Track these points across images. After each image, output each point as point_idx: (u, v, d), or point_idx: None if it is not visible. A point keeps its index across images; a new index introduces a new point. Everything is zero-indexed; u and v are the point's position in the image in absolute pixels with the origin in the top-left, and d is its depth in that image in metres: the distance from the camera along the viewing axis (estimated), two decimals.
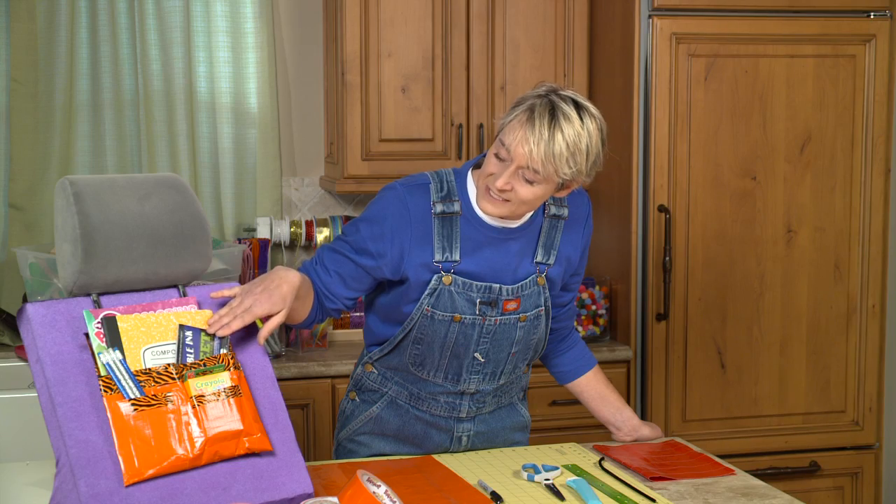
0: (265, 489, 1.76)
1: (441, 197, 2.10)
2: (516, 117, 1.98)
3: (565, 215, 2.18)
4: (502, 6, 3.40)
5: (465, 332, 2.13)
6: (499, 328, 2.15)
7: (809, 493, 3.35)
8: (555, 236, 2.18)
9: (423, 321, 2.13)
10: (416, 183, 2.13)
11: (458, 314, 2.11)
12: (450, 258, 2.09)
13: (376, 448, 2.26)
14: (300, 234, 3.61)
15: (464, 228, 2.11)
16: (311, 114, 3.71)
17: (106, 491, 1.63)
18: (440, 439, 2.25)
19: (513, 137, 1.96)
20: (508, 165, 1.98)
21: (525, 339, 2.20)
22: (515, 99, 2.04)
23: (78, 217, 1.73)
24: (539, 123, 1.94)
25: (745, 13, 3.25)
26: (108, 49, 3.48)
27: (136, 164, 3.55)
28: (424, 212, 2.10)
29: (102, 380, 1.68)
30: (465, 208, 2.11)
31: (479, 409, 2.25)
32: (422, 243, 2.09)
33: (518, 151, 1.95)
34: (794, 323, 3.34)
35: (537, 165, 1.95)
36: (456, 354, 2.16)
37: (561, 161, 1.95)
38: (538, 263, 2.17)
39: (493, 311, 2.13)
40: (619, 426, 2.34)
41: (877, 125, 3.34)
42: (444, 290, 2.10)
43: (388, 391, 2.24)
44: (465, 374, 2.18)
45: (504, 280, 2.13)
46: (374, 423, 2.26)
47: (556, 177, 1.97)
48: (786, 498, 1.96)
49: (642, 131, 3.24)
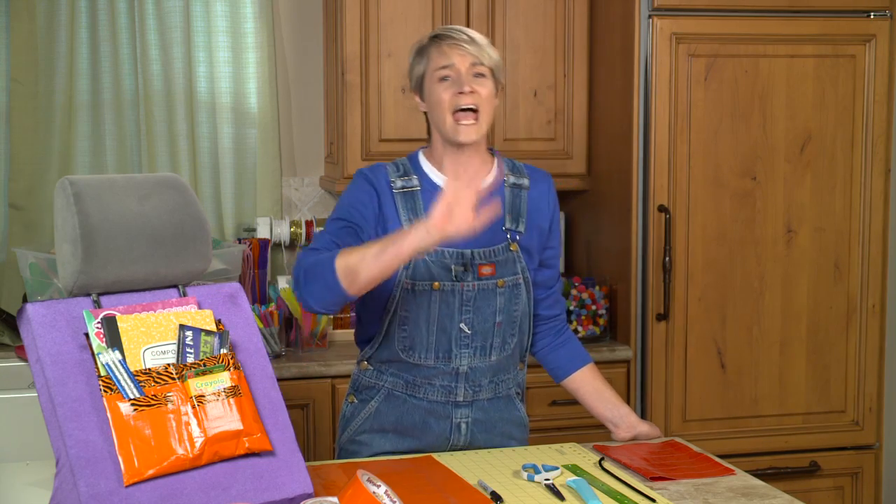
0: (265, 489, 1.76)
1: (399, 175, 2.24)
2: (432, 50, 2.20)
3: (526, 185, 2.31)
4: (502, 6, 3.40)
5: (446, 300, 2.20)
6: (479, 294, 2.22)
7: (809, 493, 3.35)
8: (520, 205, 2.28)
9: (404, 296, 2.20)
10: (376, 166, 2.28)
11: (436, 281, 2.19)
12: None
13: (377, 447, 2.27)
14: (300, 234, 3.61)
15: (425, 201, 2.22)
16: (311, 114, 3.71)
17: (106, 491, 1.63)
18: (439, 429, 2.27)
19: (447, 56, 2.18)
20: (458, 77, 2.17)
21: (507, 308, 2.25)
22: (412, 52, 2.28)
23: (78, 217, 1.73)
24: (455, 34, 2.20)
25: (745, 13, 3.25)
26: (108, 49, 3.48)
27: (136, 164, 3.55)
28: (387, 188, 2.23)
29: (102, 380, 1.68)
30: (424, 182, 2.24)
31: (476, 394, 2.27)
32: (390, 216, 2.21)
33: (459, 56, 2.18)
34: (794, 323, 3.34)
35: (480, 57, 2.18)
36: (442, 328, 2.21)
37: (489, 47, 2.21)
38: (508, 230, 2.26)
39: (469, 275, 2.21)
40: (617, 423, 2.34)
41: (877, 125, 3.34)
42: (419, 260, 2.18)
43: (384, 384, 2.28)
44: (454, 349, 2.23)
45: (474, 244, 2.20)
46: (373, 419, 2.28)
47: (491, 62, 2.20)
48: (786, 498, 1.96)
49: (642, 131, 3.24)
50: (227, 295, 1.92)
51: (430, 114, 2.24)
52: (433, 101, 2.20)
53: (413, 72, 2.26)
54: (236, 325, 1.89)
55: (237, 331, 1.88)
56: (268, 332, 3.18)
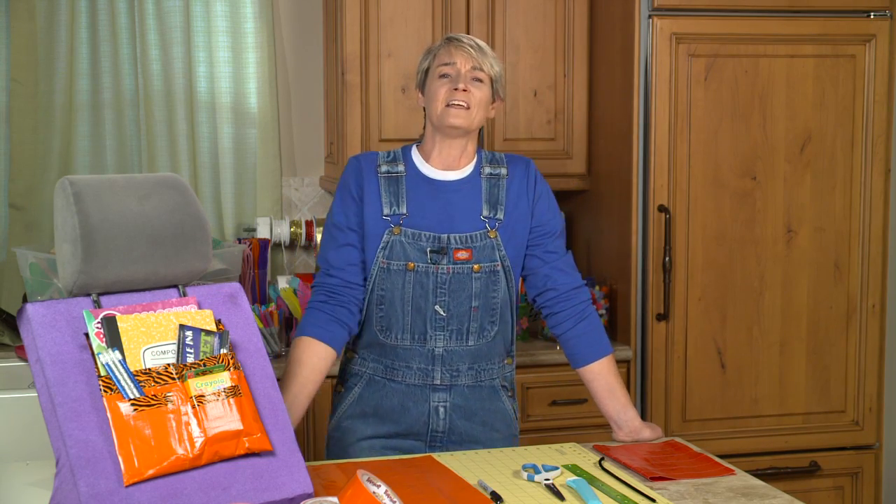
0: (265, 489, 1.76)
1: (387, 160, 2.36)
2: (440, 50, 2.33)
3: (504, 174, 2.38)
4: (502, 6, 3.40)
5: (420, 281, 2.28)
6: (454, 278, 2.29)
7: (809, 493, 3.35)
8: (498, 193, 2.35)
9: (381, 275, 2.29)
10: (369, 152, 2.41)
11: (411, 262, 2.28)
12: (397, 211, 2.31)
13: (360, 432, 2.34)
14: (300, 234, 3.61)
15: (409, 186, 2.33)
16: (311, 114, 3.71)
17: (106, 491, 1.63)
18: (417, 412, 2.32)
19: (451, 56, 2.30)
20: (457, 77, 2.28)
21: (484, 293, 2.31)
22: (423, 54, 2.39)
23: (78, 217, 1.73)
24: (465, 40, 2.33)
25: (745, 13, 3.25)
26: (108, 49, 3.48)
27: (136, 164, 3.55)
28: (372, 171, 2.35)
29: (102, 380, 1.68)
30: (410, 169, 2.35)
31: (454, 379, 2.32)
32: (373, 197, 2.32)
33: (462, 57, 2.30)
34: (794, 323, 3.34)
35: (481, 63, 2.30)
36: (417, 308, 2.29)
37: (491, 57, 2.33)
38: (486, 218, 2.33)
39: (444, 258, 2.29)
40: (621, 425, 2.34)
41: (877, 125, 3.34)
42: (395, 240, 2.29)
43: (366, 370, 2.36)
44: (430, 331, 2.29)
45: (452, 230, 2.31)
46: (356, 405, 2.36)
47: (492, 71, 2.32)
48: (786, 498, 1.97)
49: (642, 131, 3.24)
50: (227, 295, 1.92)
51: (427, 107, 2.34)
52: (430, 95, 2.32)
53: (419, 69, 2.39)
54: (236, 325, 1.89)
55: (237, 331, 1.88)
56: (268, 332, 3.18)
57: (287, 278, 3.38)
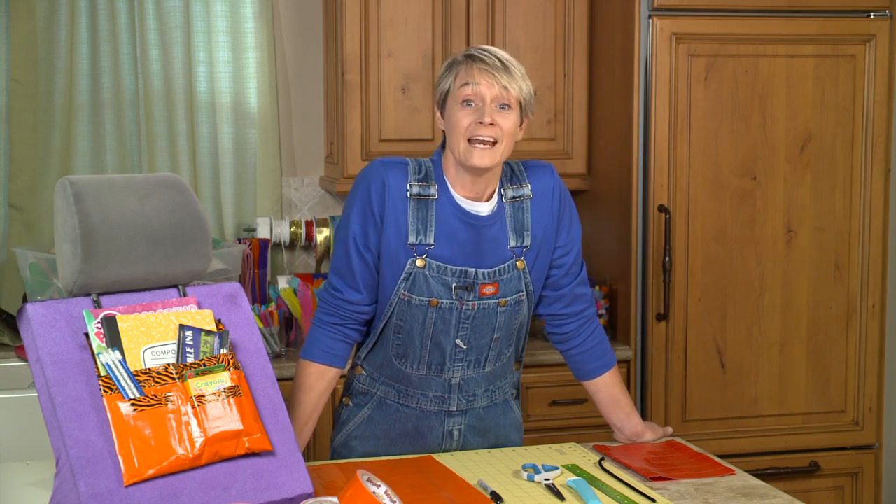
0: (265, 489, 1.76)
1: (418, 179, 2.14)
2: (461, 69, 2.10)
3: (527, 194, 2.20)
4: (502, 6, 3.40)
5: (443, 317, 2.15)
6: (478, 313, 2.16)
7: (809, 493, 3.35)
8: (523, 217, 2.19)
9: (401, 307, 2.15)
10: (394, 162, 2.17)
11: (434, 298, 2.13)
12: (424, 241, 2.12)
13: (369, 453, 2.26)
14: (300, 234, 3.61)
15: (439, 213, 2.13)
16: (311, 114, 3.71)
17: (106, 491, 1.63)
18: (431, 436, 2.26)
19: (475, 79, 2.07)
20: (483, 104, 2.07)
21: (507, 324, 2.21)
22: (443, 66, 2.16)
23: (78, 217, 1.73)
24: (489, 59, 2.09)
25: (745, 13, 3.25)
26: (108, 49, 3.48)
27: (136, 164, 3.55)
28: (401, 191, 2.13)
29: (102, 380, 1.68)
30: (442, 192, 2.15)
31: (470, 404, 2.26)
32: (399, 220, 2.12)
33: (486, 84, 2.07)
34: (794, 323, 3.34)
35: (509, 87, 2.07)
36: (437, 342, 2.17)
37: (520, 77, 2.10)
38: (513, 248, 2.18)
39: (470, 295, 2.14)
40: (624, 431, 2.34)
41: (877, 125, 3.34)
42: (419, 273, 2.12)
43: (376, 392, 2.26)
44: (448, 363, 2.19)
45: (480, 265, 2.15)
46: (365, 426, 2.27)
47: (521, 95, 2.09)
48: (786, 498, 1.97)
49: (642, 131, 3.24)
50: (227, 295, 1.92)
51: (448, 135, 2.14)
52: (451, 123, 2.11)
53: (439, 87, 2.16)
54: (236, 325, 1.89)
55: (237, 331, 1.88)
56: (268, 332, 3.18)
57: (287, 278, 3.38)
